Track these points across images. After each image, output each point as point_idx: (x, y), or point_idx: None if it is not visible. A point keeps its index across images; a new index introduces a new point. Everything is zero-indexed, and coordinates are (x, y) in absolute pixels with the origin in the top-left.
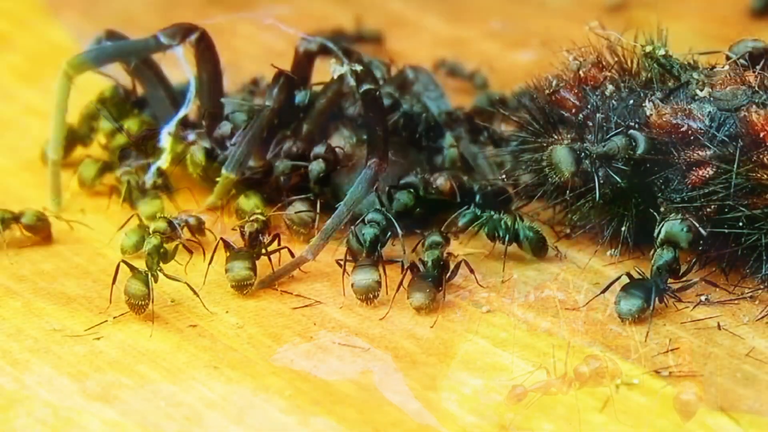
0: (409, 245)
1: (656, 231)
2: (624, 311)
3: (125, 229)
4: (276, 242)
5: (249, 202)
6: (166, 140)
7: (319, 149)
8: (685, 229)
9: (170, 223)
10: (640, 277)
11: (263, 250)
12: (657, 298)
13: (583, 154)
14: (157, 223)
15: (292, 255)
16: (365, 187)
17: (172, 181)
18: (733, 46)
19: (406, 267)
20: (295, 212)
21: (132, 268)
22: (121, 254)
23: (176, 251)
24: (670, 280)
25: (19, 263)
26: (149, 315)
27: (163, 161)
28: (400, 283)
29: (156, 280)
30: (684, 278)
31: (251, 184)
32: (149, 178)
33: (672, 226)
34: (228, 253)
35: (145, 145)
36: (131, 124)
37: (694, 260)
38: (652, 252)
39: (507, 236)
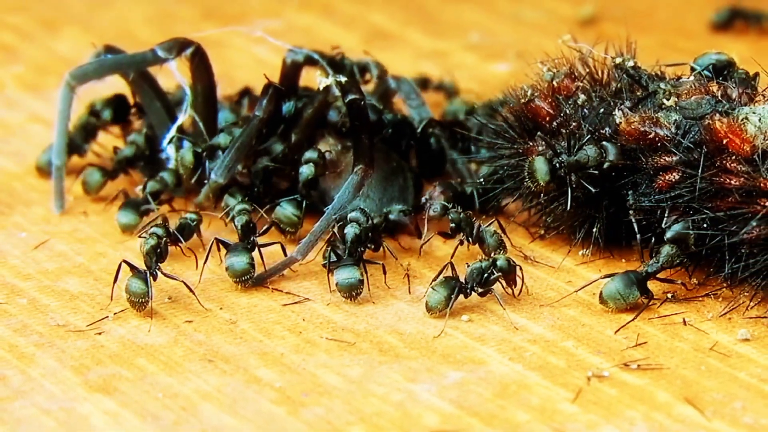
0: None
1: (669, 229)
2: (605, 296)
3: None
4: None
5: (234, 200)
6: (169, 148)
7: (310, 154)
8: (692, 233)
9: (167, 228)
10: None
11: (257, 245)
12: (642, 291)
13: (557, 164)
14: (155, 226)
15: (284, 250)
16: (352, 192)
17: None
18: (698, 59)
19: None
20: (283, 213)
21: (132, 267)
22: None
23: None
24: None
25: (24, 262)
26: (148, 311)
27: (173, 166)
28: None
29: (155, 279)
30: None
31: (236, 185)
32: (166, 177)
33: (684, 227)
34: (225, 250)
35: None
36: (136, 137)
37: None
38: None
39: (472, 233)
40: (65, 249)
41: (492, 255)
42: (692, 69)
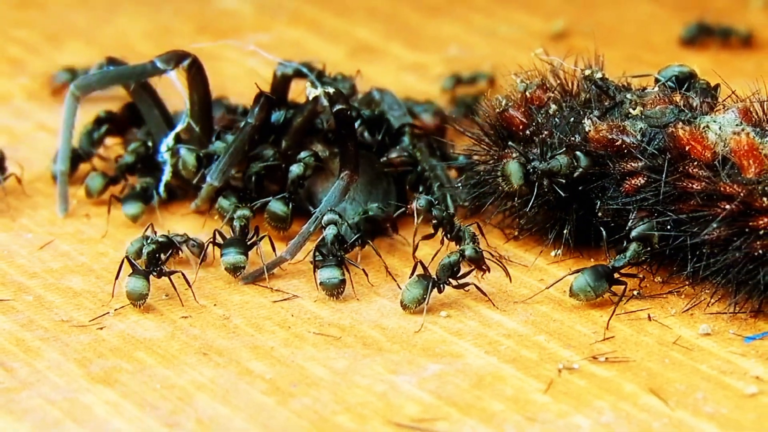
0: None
1: (634, 229)
2: (575, 289)
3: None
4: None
5: (227, 202)
6: (165, 154)
7: (304, 154)
8: (656, 233)
9: (170, 240)
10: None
11: (254, 238)
12: (609, 284)
13: (531, 169)
14: (162, 235)
15: (272, 244)
16: (338, 196)
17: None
18: (662, 71)
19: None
20: (273, 210)
21: (133, 266)
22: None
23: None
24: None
25: (31, 262)
26: (146, 307)
27: (167, 174)
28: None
29: (159, 276)
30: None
31: (230, 188)
32: (160, 190)
33: (649, 227)
34: (222, 242)
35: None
36: (137, 146)
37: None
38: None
39: (451, 231)
40: (69, 249)
41: (459, 246)
42: (656, 80)
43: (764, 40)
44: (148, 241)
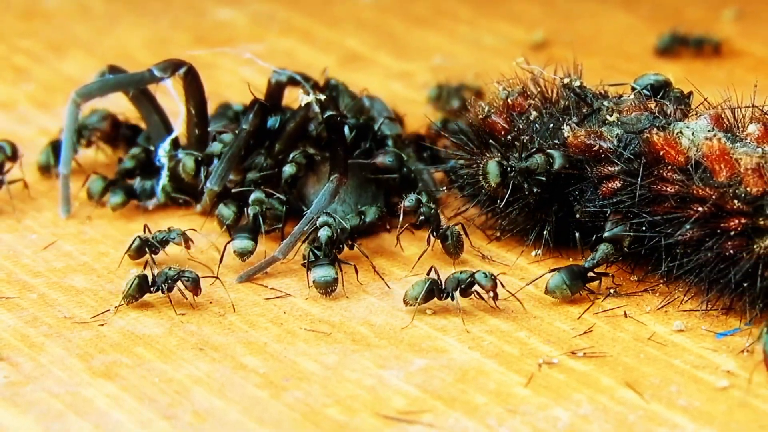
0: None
1: (606, 230)
2: (551, 287)
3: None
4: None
5: (228, 210)
6: (163, 158)
7: (295, 154)
8: (629, 234)
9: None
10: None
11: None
12: (583, 282)
13: (509, 168)
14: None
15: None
16: (328, 198)
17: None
18: (638, 79)
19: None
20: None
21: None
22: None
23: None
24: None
25: (35, 261)
26: (145, 305)
27: (165, 178)
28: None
29: (166, 292)
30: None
31: (229, 194)
32: (158, 195)
33: (621, 229)
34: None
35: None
36: (137, 151)
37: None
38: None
39: (438, 229)
40: (71, 249)
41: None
42: (632, 88)
43: (735, 50)
44: (169, 268)
